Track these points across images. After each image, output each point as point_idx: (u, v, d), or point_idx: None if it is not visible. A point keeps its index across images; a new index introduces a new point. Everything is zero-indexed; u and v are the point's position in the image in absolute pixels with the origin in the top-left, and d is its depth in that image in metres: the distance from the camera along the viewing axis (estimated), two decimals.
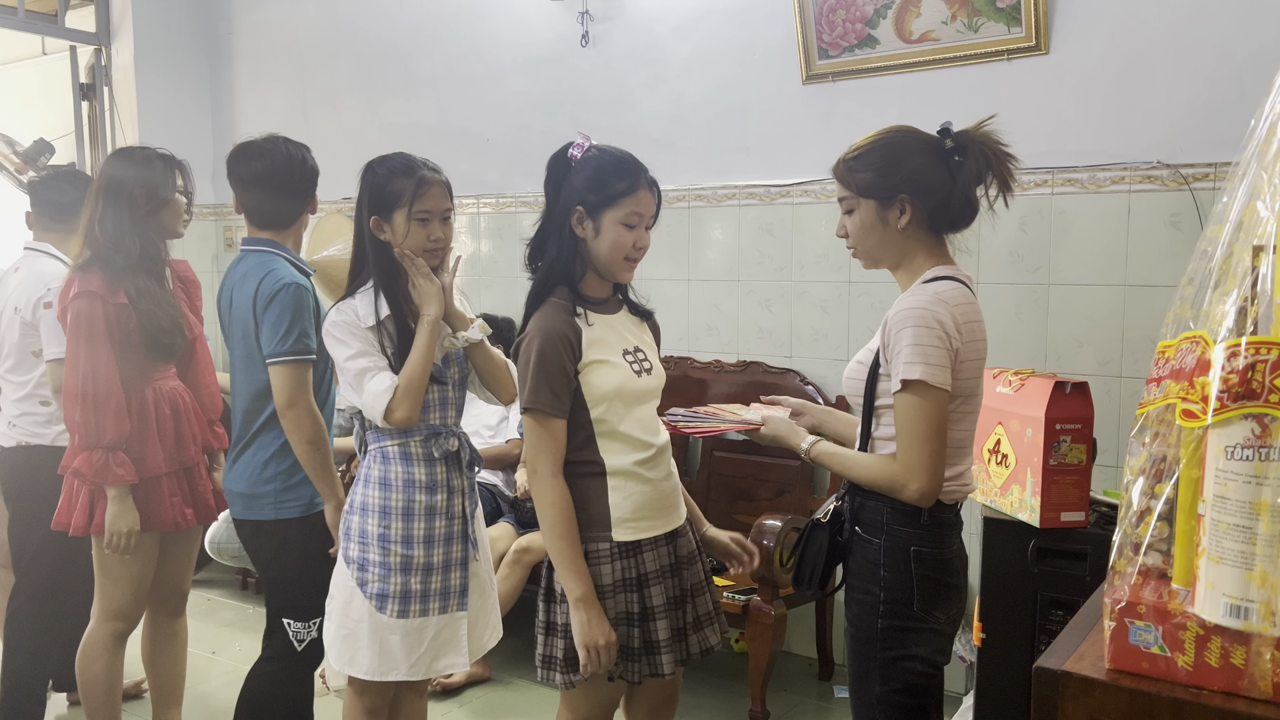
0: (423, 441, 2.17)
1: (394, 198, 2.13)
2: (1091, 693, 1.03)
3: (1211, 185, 2.82)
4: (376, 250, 2.16)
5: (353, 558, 2.17)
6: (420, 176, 2.14)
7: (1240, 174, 1.06)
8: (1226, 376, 0.98)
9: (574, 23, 3.95)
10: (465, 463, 2.23)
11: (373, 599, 2.13)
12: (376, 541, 2.14)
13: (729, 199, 3.71)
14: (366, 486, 2.18)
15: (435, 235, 2.16)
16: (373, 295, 2.14)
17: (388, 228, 2.14)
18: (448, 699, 3.33)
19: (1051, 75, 3.05)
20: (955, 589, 1.82)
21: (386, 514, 2.14)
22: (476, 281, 4.44)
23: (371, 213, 2.15)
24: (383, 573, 2.13)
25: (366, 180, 2.17)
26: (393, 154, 2.21)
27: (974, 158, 1.77)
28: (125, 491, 2.47)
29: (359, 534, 2.16)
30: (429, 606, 2.16)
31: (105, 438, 2.43)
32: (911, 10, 3.21)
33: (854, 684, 1.87)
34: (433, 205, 2.15)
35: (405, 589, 2.13)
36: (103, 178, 2.53)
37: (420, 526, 2.15)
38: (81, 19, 5.18)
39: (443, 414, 2.22)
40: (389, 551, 2.13)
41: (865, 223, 1.83)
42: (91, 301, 2.44)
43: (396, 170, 2.15)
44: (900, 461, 1.73)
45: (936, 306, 1.72)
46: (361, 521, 2.16)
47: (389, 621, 2.13)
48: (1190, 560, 1.02)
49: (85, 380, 2.42)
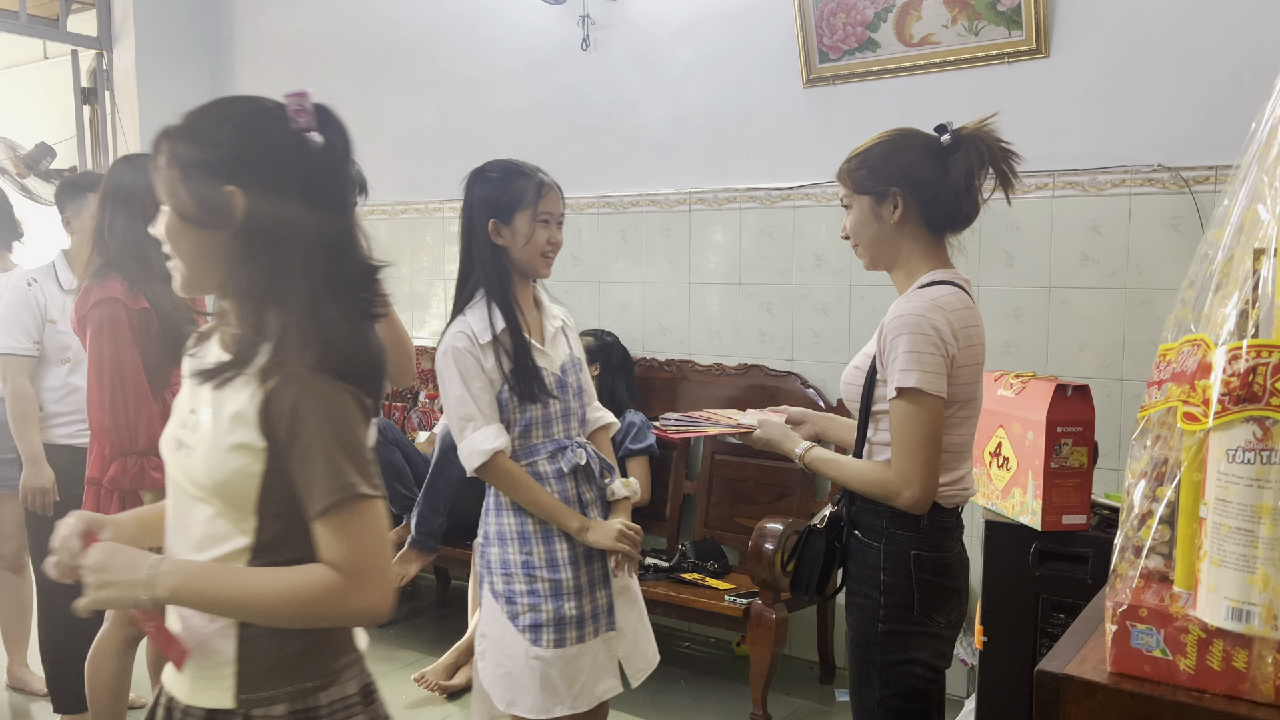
0: (549, 458, 2.10)
1: (515, 199, 2.08)
2: (1093, 696, 1.03)
3: (1212, 188, 2.82)
4: (489, 257, 2.10)
5: (499, 591, 2.09)
6: (539, 179, 2.12)
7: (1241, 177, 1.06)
8: (1228, 380, 0.98)
9: (575, 26, 3.96)
10: (596, 474, 2.17)
11: (525, 632, 2.05)
12: (521, 570, 2.07)
13: (730, 202, 3.71)
14: (500, 514, 2.11)
15: (555, 239, 2.13)
16: (485, 309, 2.08)
17: (506, 231, 2.09)
18: (448, 702, 3.32)
19: (1052, 78, 3.05)
20: (955, 593, 1.82)
21: (526, 540, 2.08)
22: None
23: (489, 216, 2.09)
24: (533, 602, 2.06)
25: (477, 186, 2.13)
26: (497, 159, 2.17)
27: (967, 151, 1.77)
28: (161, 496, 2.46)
29: (500, 565, 2.09)
30: (584, 632, 2.09)
31: (139, 443, 2.42)
32: (912, 14, 3.21)
33: (854, 688, 1.87)
34: (553, 208, 2.12)
35: (558, 616, 2.06)
36: (109, 185, 2.53)
37: (563, 548, 2.08)
38: (83, 23, 5.18)
39: (565, 427, 2.15)
40: (535, 578, 2.06)
41: (861, 218, 1.84)
42: (114, 308, 2.43)
43: (513, 172, 2.11)
44: (895, 469, 1.73)
45: (933, 313, 1.72)
46: (501, 552, 2.09)
47: (547, 654, 2.05)
48: (1192, 563, 1.02)
49: (114, 387, 2.41)
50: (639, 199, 3.87)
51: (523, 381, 2.05)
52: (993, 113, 1.82)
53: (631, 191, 3.92)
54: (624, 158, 3.92)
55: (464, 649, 3.40)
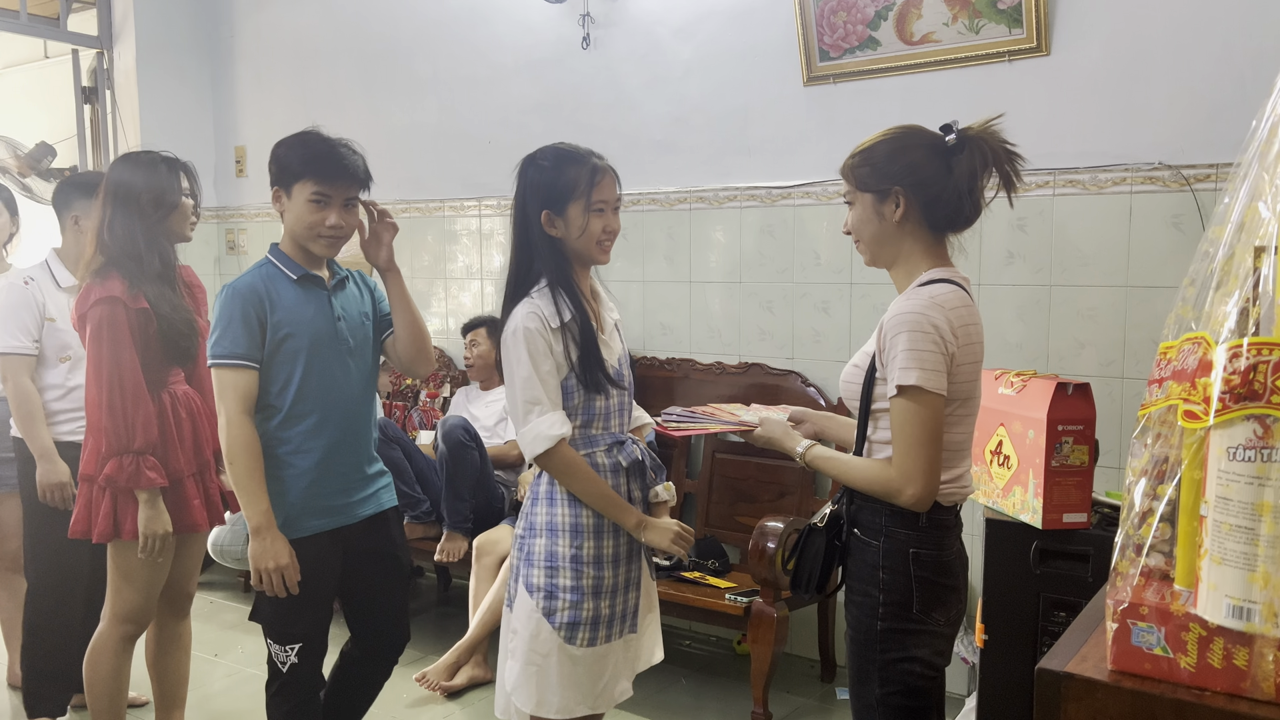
0: (607, 451, 2.05)
1: (568, 189, 1.98)
2: (1094, 694, 1.03)
3: (1213, 186, 2.82)
4: (547, 247, 2.01)
5: (538, 585, 2.01)
6: (593, 165, 2.01)
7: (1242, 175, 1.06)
8: (1228, 377, 0.98)
9: (575, 25, 3.96)
10: (648, 471, 2.11)
11: (561, 629, 1.99)
12: (569, 564, 2.00)
13: (730, 201, 3.71)
14: (552, 505, 2.03)
15: (612, 226, 2.03)
16: (551, 295, 2.00)
17: (560, 222, 2.00)
18: (449, 701, 3.33)
19: (1053, 76, 3.05)
20: (954, 591, 1.82)
21: (579, 533, 2.01)
22: (478, 285, 4.45)
23: (543, 207, 2.00)
24: (575, 599, 1.99)
25: (529, 174, 2.03)
26: (551, 144, 2.07)
27: (971, 152, 1.76)
28: (156, 495, 2.47)
29: (545, 557, 2.01)
30: (612, 632, 2.05)
31: (135, 442, 2.42)
32: (913, 12, 3.21)
33: (854, 686, 1.87)
34: (608, 195, 2.02)
35: (595, 615, 2.01)
36: (110, 183, 2.53)
37: (610, 545, 2.03)
38: (83, 22, 5.18)
39: (620, 421, 2.09)
40: (582, 574, 2.00)
41: (862, 215, 1.84)
42: (114, 307, 2.43)
43: (565, 159, 2.01)
44: (896, 467, 1.73)
45: (932, 311, 1.71)
46: (549, 543, 2.01)
47: (578, 653, 2.00)
48: (1192, 561, 1.02)
49: (112, 386, 2.41)
50: (639, 197, 3.87)
51: (589, 371, 1.99)
52: (999, 114, 1.81)
53: (632, 190, 3.91)
54: (624, 156, 3.88)
55: (465, 648, 3.40)
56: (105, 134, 5.14)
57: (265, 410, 2.21)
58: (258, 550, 2.14)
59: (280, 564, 2.14)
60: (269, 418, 2.21)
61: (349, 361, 2.28)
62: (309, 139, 2.22)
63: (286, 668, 2.26)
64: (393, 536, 2.42)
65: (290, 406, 2.21)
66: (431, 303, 4.59)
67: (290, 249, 2.26)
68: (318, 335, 2.22)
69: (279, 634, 2.26)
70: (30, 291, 2.94)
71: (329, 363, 2.24)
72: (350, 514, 2.30)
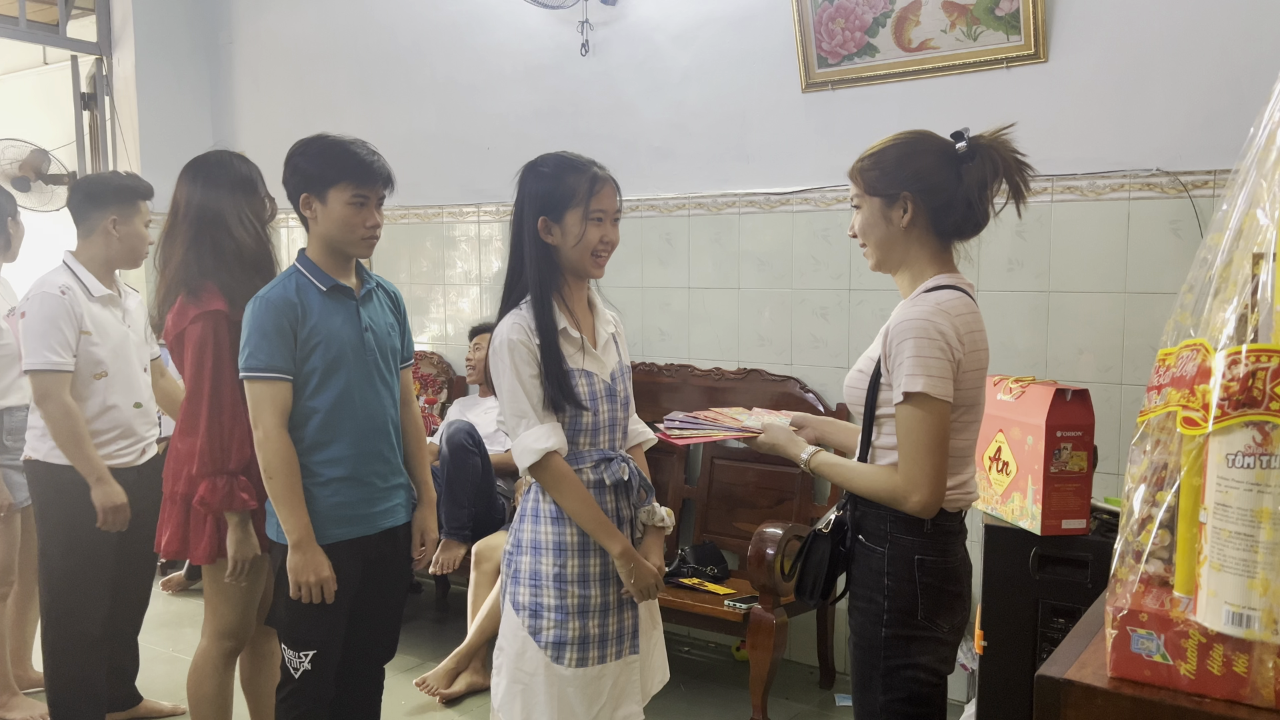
0: (594, 468, 2.02)
1: (566, 196, 1.96)
2: (1093, 701, 1.03)
3: (1211, 193, 2.82)
4: (539, 256, 1.99)
5: (523, 603, 2.00)
6: (593, 173, 1.99)
7: (1240, 181, 1.06)
8: (1227, 384, 0.98)
9: (574, 31, 3.96)
10: (635, 492, 2.08)
11: (548, 648, 1.97)
12: (552, 583, 1.98)
13: (729, 207, 3.72)
14: (537, 522, 2.02)
15: (610, 237, 2.01)
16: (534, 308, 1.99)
17: (557, 229, 1.98)
18: (448, 708, 3.32)
19: (1051, 83, 3.06)
20: (959, 597, 1.81)
21: (562, 551, 1.99)
22: (476, 292, 4.45)
23: (540, 214, 1.98)
24: (559, 618, 1.97)
25: (529, 181, 2.02)
26: (554, 152, 2.05)
27: (982, 161, 1.76)
28: (247, 517, 2.38)
29: (530, 575, 2.00)
30: (606, 652, 2.01)
31: (230, 463, 2.35)
32: (911, 19, 3.22)
33: (857, 693, 1.86)
34: (607, 204, 2.00)
35: (583, 634, 1.98)
36: (190, 194, 2.45)
37: (595, 563, 2.00)
38: (83, 29, 5.19)
39: (611, 437, 2.07)
40: (565, 593, 1.98)
41: (870, 219, 1.84)
42: (217, 322, 2.36)
43: (566, 166, 2.00)
44: (902, 473, 1.73)
45: (938, 317, 1.71)
46: (533, 561, 2.00)
47: (567, 673, 1.97)
48: (1192, 568, 1.02)
49: (212, 407, 2.35)
50: (638, 204, 3.87)
51: (548, 389, 1.97)
52: (1010, 123, 1.80)
53: (630, 196, 3.90)
54: (623, 162, 3.91)
55: (464, 655, 3.39)
56: (104, 140, 5.15)
57: (294, 420, 2.20)
58: (299, 563, 2.14)
59: (321, 576, 2.15)
60: (297, 427, 2.20)
61: (375, 372, 2.27)
62: (331, 144, 2.22)
63: (299, 674, 2.25)
64: (403, 549, 2.42)
65: (319, 418, 2.21)
66: (430, 309, 4.59)
67: (319, 257, 2.24)
68: (346, 346, 2.22)
69: (294, 639, 2.26)
70: (67, 302, 2.74)
71: (356, 374, 2.23)
72: (371, 524, 2.30)
